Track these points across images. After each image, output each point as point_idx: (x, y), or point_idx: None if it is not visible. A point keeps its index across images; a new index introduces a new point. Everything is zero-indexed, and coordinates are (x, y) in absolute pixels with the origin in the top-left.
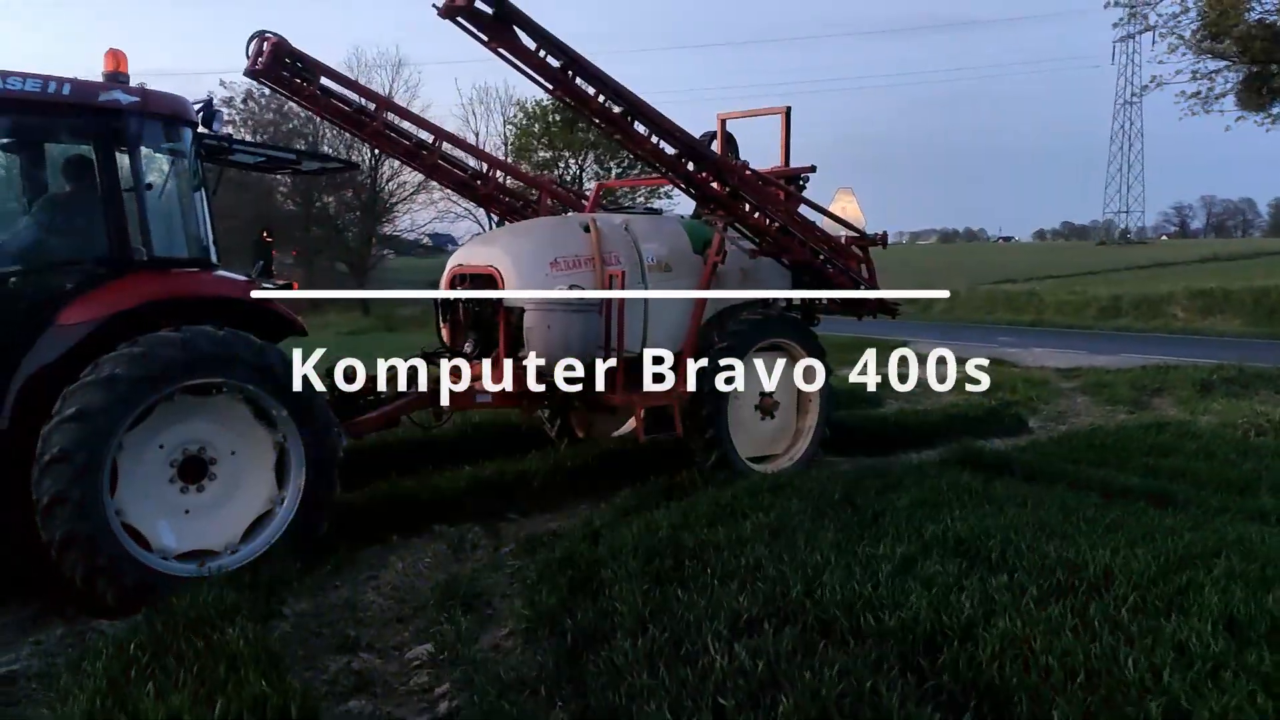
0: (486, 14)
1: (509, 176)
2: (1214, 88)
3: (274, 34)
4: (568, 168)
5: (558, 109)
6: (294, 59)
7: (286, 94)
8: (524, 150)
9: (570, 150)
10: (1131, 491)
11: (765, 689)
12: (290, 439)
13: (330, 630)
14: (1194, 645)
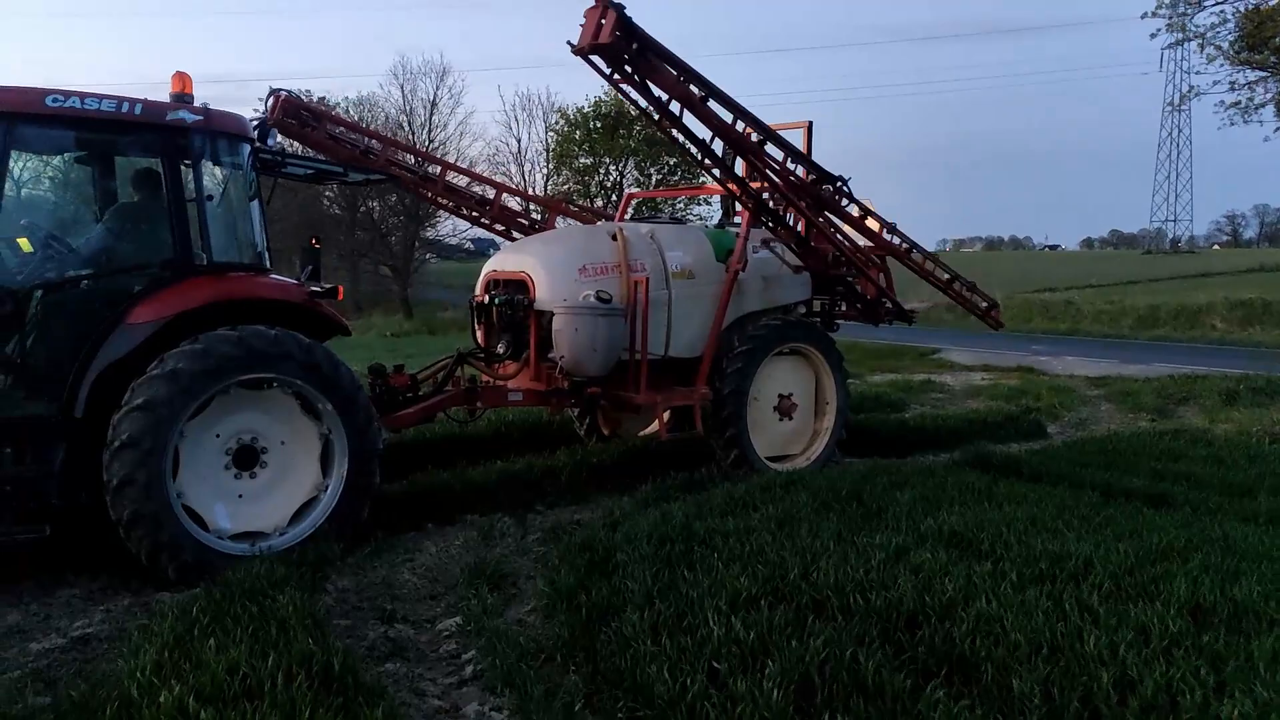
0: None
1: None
2: (1254, 98)
3: (285, 91)
4: (608, 174)
5: (599, 115)
6: (304, 109)
7: (299, 140)
8: (565, 156)
9: (611, 157)
10: (1132, 493)
11: (756, 655)
12: (335, 431)
13: (369, 604)
14: (1155, 627)
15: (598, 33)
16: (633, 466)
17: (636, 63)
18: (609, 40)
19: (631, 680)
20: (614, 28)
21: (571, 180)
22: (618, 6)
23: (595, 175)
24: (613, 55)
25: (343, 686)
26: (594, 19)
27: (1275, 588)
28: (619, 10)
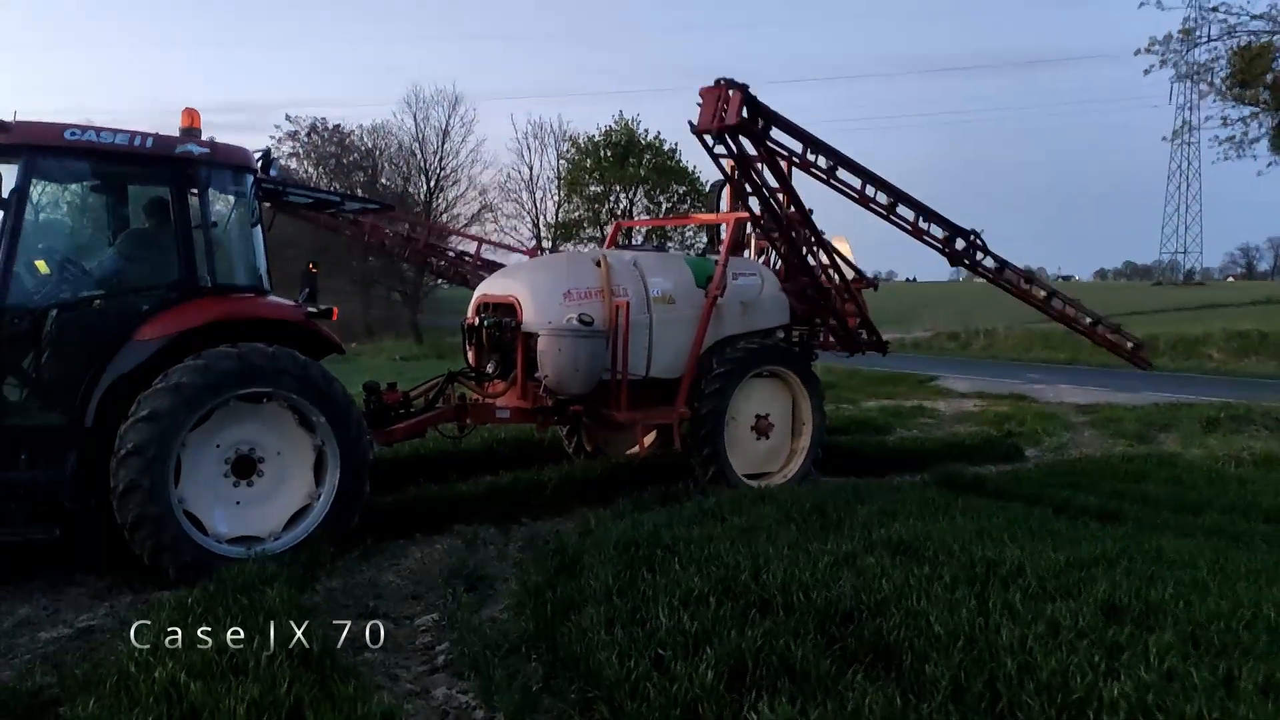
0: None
1: None
2: (1247, 133)
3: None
4: (618, 201)
5: (609, 144)
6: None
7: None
8: (576, 184)
9: (621, 185)
10: (1086, 509)
11: (698, 644)
12: (328, 443)
13: (354, 602)
14: (1066, 622)
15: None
16: (616, 482)
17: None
18: (735, 121)
19: (585, 665)
20: (739, 108)
21: (582, 207)
22: (742, 86)
23: (605, 202)
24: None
25: (320, 667)
26: (713, 99)
27: (1188, 591)
28: (744, 90)
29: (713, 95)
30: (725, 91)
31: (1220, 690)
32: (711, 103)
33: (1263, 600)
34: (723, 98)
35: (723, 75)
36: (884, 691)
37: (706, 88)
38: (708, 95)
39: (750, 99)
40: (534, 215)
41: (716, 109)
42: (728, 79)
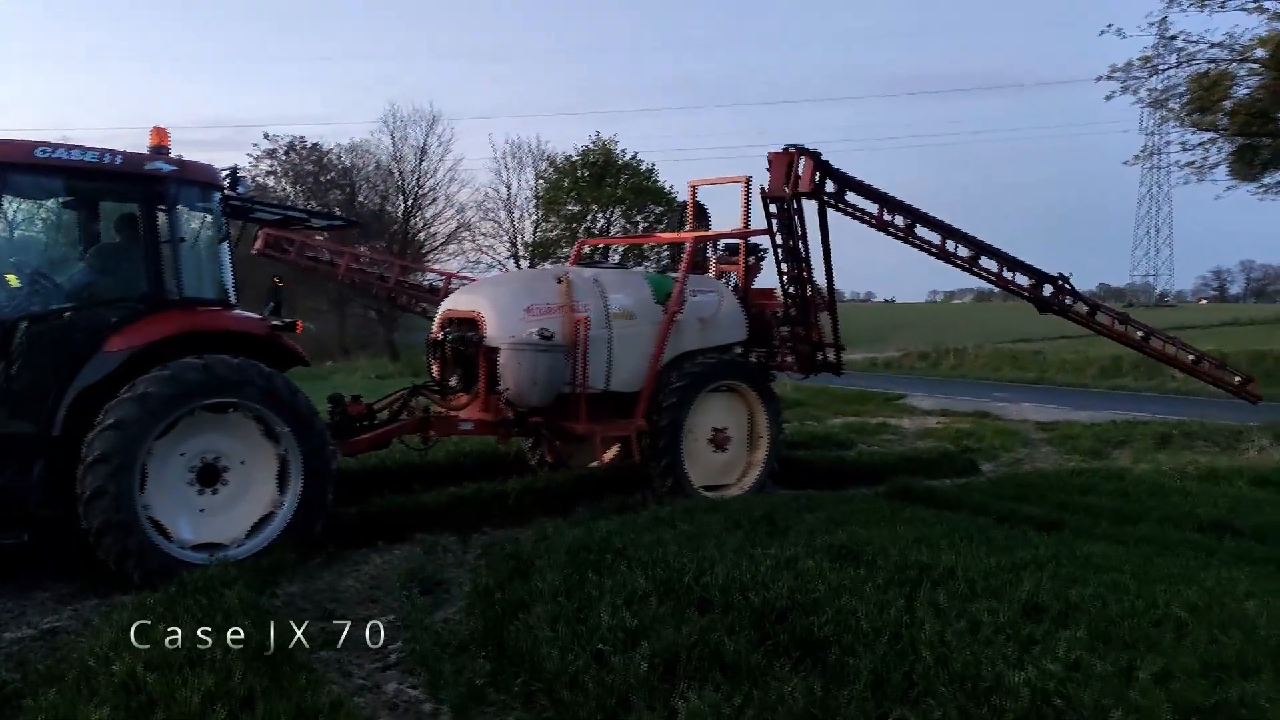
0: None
1: None
2: (1207, 158)
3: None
4: (595, 220)
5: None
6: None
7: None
8: (554, 203)
9: (598, 204)
10: (1029, 519)
11: (637, 639)
12: (291, 452)
13: (313, 605)
14: (987, 619)
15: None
16: (576, 492)
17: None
18: (809, 188)
19: (529, 661)
20: (813, 175)
21: (560, 226)
22: (814, 153)
23: (583, 222)
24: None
25: (274, 661)
26: (783, 165)
27: (1107, 592)
28: (815, 156)
29: (782, 160)
30: (796, 158)
31: (1118, 679)
32: (781, 168)
33: (1174, 600)
34: (794, 164)
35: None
36: (806, 681)
37: (775, 153)
38: (777, 160)
39: (822, 164)
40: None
41: (790, 175)
42: (797, 146)
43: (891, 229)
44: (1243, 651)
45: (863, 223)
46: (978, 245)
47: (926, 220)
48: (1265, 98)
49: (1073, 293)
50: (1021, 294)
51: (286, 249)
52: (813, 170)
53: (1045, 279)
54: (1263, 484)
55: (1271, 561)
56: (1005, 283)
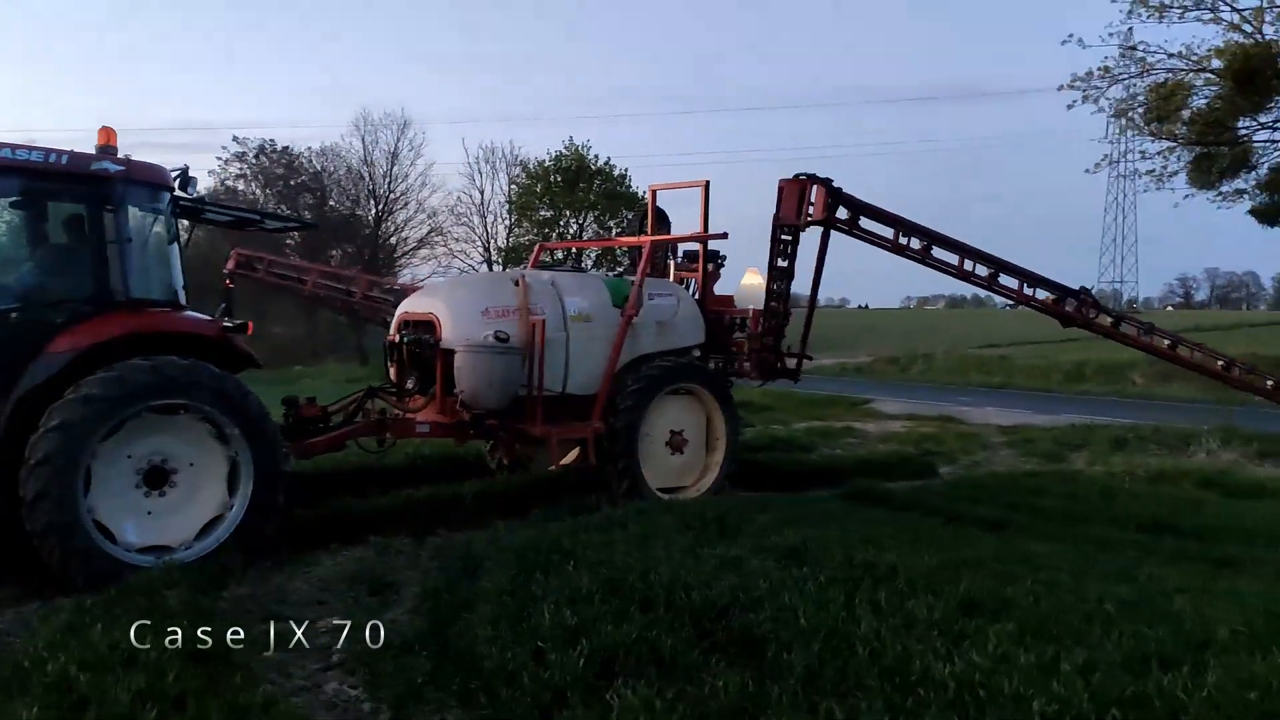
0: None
1: None
2: (1167, 166)
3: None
4: (568, 226)
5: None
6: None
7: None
8: (526, 209)
9: (571, 210)
10: (979, 520)
11: (577, 637)
12: (242, 454)
13: (260, 607)
14: (923, 615)
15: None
16: (533, 495)
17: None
18: (823, 216)
19: (469, 659)
20: (825, 204)
21: (533, 232)
22: (825, 181)
23: (556, 227)
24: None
25: (210, 661)
26: (795, 193)
27: (1042, 588)
28: (827, 185)
29: (794, 189)
30: (808, 186)
31: (1042, 671)
32: (794, 196)
33: (1105, 596)
34: (806, 192)
35: (803, 170)
36: (739, 675)
37: (786, 180)
38: (789, 188)
39: (835, 192)
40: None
41: (801, 204)
42: (809, 174)
43: (908, 252)
44: (1165, 644)
45: (878, 247)
46: (996, 263)
47: (943, 241)
48: (1222, 108)
49: (1095, 305)
50: (1044, 309)
51: (256, 267)
52: (825, 198)
53: (1067, 293)
54: (1208, 485)
55: (1205, 559)
56: (1026, 299)
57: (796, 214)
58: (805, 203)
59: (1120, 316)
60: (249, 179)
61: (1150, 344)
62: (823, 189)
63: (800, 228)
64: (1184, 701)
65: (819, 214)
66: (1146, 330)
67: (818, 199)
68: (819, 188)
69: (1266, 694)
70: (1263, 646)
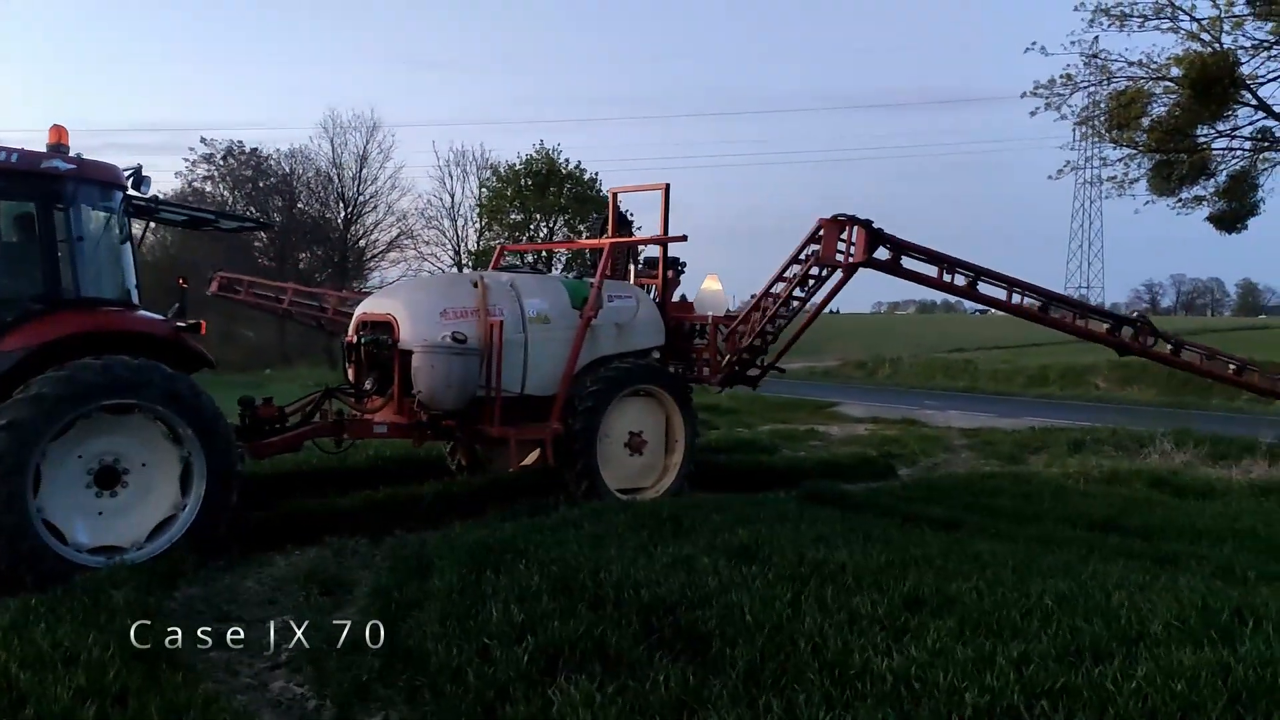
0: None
1: None
2: (1128, 173)
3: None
4: (539, 229)
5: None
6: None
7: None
8: (497, 212)
9: (542, 213)
10: (933, 519)
11: (523, 634)
12: (195, 454)
13: (210, 607)
14: (866, 611)
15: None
16: (492, 496)
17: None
18: (863, 259)
19: (417, 656)
20: (866, 245)
21: (503, 235)
22: (865, 223)
23: (526, 230)
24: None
25: (155, 660)
26: (835, 234)
27: (985, 585)
28: (868, 226)
29: (834, 229)
30: (850, 228)
31: (977, 664)
32: (833, 237)
33: (1046, 592)
34: (847, 233)
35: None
36: (682, 670)
37: (826, 221)
38: (829, 229)
39: (876, 233)
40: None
41: (846, 245)
42: (849, 215)
43: (954, 288)
44: (1099, 638)
45: (922, 284)
46: (1046, 295)
47: (989, 275)
48: (1180, 116)
49: (1153, 331)
50: (1100, 340)
51: (238, 290)
52: (866, 240)
53: (1123, 321)
54: (1158, 485)
55: (1148, 556)
56: (1080, 330)
57: (835, 254)
58: (848, 244)
59: (1181, 343)
60: (216, 181)
61: (1212, 370)
62: (863, 230)
63: (840, 268)
64: (1112, 693)
65: (860, 256)
66: (1209, 355)
67: (859, 241)
68: (859, 229)
69: (1193, 685)
70: (1194, 640)
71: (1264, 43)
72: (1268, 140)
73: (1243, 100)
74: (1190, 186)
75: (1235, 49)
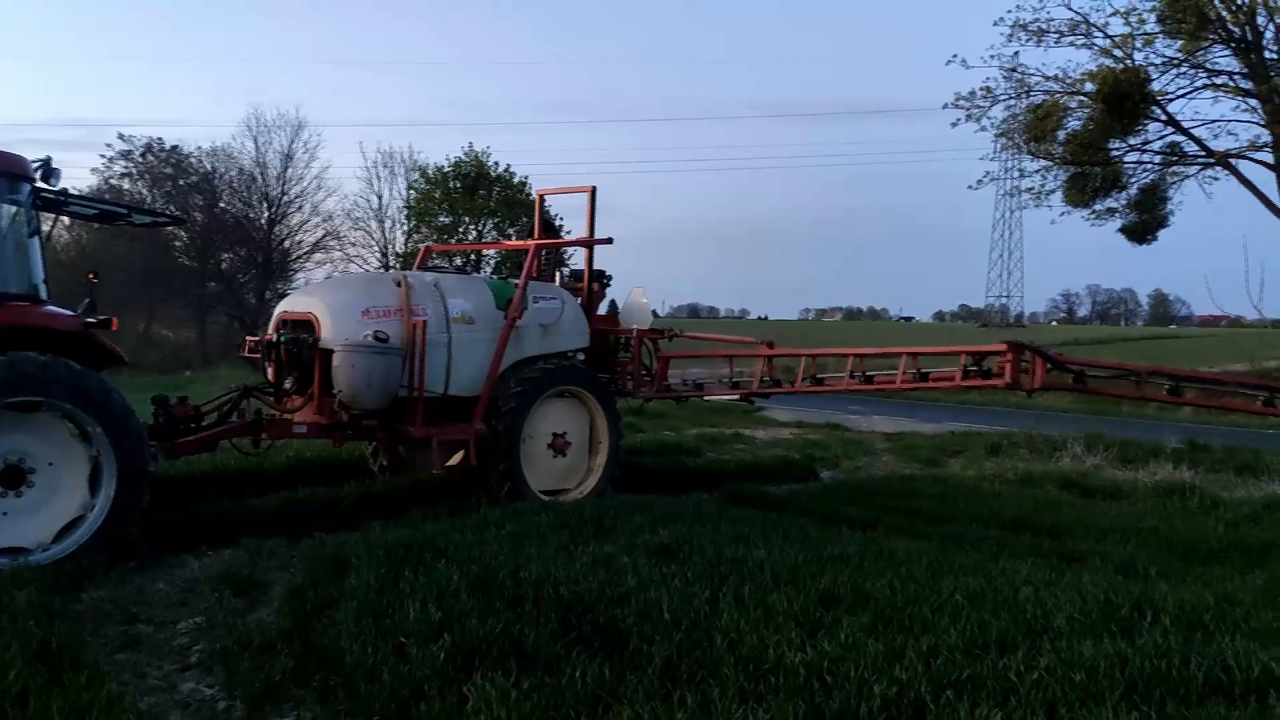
0: None
1: None
2: (1045, 184)
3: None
4: (468, 232)
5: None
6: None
7: None
8: (425, 214)
9: (471, 216)
10: (851, 519)
11: (440, 632)
12: (104, 454)
13: (119, 610)
14: (782, 607)
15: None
16: (414, 497)
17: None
18: (1041, 385)
19: (331, 656)
20: (1044, 370)
21: (431, 237)
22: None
23: (455, 233)
24: None
25: (57, 661)
26: (1015, 361)
27: (899, 582)
28: (1043, 354)
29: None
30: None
31: (887, 658)
32: (1014, 364)
33: (957, 589)
34: (1025, 359)
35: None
36: (598, 666)
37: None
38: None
39: (1051, 360)
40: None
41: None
42: (1017, 343)
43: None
44: (1005, 631)
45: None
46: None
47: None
48: (1094, 129)
49: None
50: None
51: None
52: (1044, 368)
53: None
54: (1069, 486)
55: (1056, 554)
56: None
57: (1018, 380)
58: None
59: None
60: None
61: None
62: (1039, 359)
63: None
64: (1015, 683)
65: (1038, 383)
66: None
67: (1039, 369)
68: (1035, 357)
69: (1092, 675)
70: (1095, 633)
71: (1173, 60)
72: (1176, 155)
73: (1153, 115)
74: (1103, 198)
75: (1146, 66)
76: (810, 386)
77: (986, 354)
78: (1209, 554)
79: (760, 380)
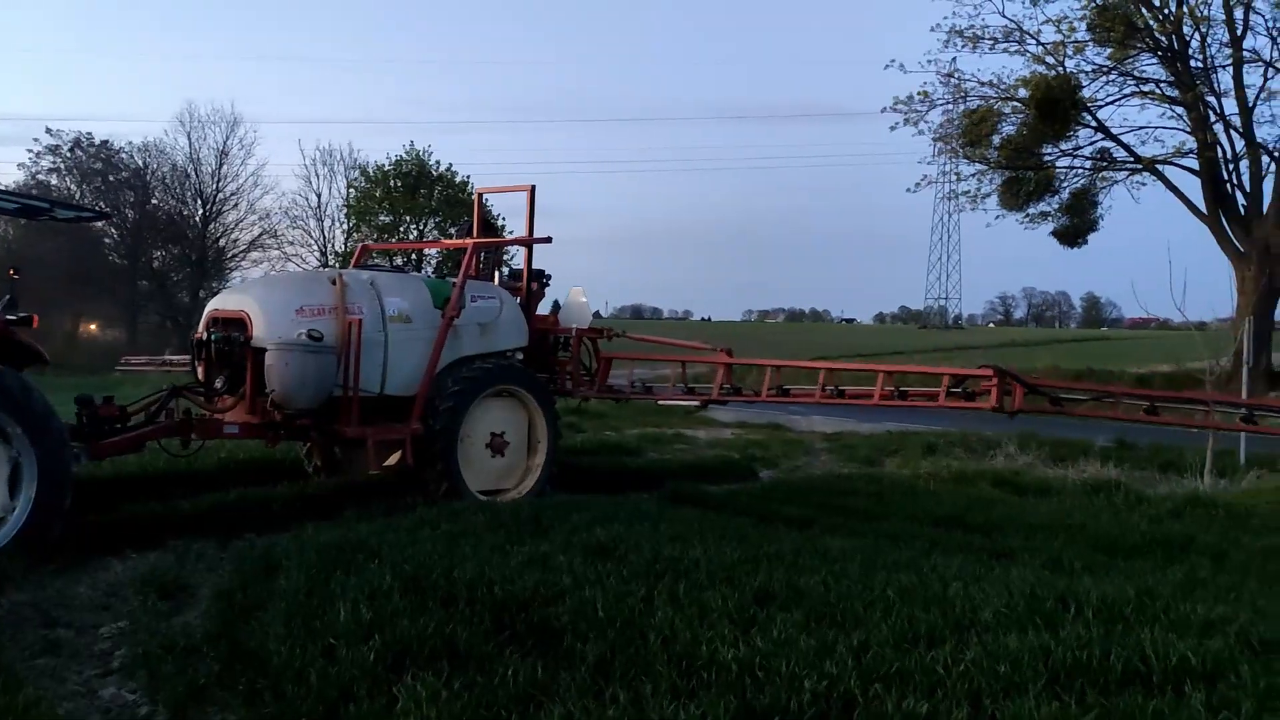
0: None
1: None
2: (980, 188)
3: None
4: (409, 231)
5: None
6: None
7: None
8: (365, 213)
9: (412, 215)
10: (788, 518)
11: (370, 633)
12: (25, 455)
13: (38, 614)
14: (717, 605)
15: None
16: (349, 498)
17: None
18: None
19: (258, 658)
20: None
21: (371, 237)
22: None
23: (395, 232)
24: None
25: None
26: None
27: (832, 578)
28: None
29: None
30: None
31: (819, 652)
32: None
33: (889, 585)
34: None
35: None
36: (531, 664)
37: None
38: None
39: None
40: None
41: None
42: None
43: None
44: (934, 625)
45: None
46: None
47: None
48: (1027, 134)
49: None
50: None
51: None
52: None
53: None
54: (1001, 484)
55: (986, 550)
56: None
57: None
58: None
59: None
60: (63, 173)
61: None
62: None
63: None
64: (942, 675)
65: (1018, 404)
66: None
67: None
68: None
69: (1016, 666)
70: (1020, 625)
71: (1103, 68)
72: (1106, 160)
73: (1084, 121)
74: (1036, 202)
75: (1077, 73)
76: (776, 396)
77: (968, 377)
78: (1132, 549)
79: (720, 388)
